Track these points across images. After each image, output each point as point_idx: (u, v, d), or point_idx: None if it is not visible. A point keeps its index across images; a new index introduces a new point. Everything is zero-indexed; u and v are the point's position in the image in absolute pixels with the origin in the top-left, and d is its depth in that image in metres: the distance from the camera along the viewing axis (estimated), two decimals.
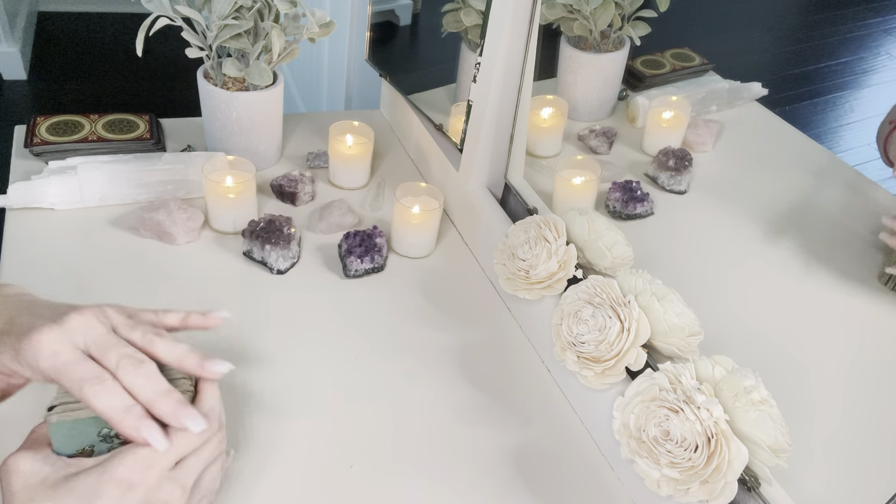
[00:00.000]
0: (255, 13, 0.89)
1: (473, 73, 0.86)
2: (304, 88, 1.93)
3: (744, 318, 0.73)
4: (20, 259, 0.82)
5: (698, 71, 0.97)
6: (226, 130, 0.97)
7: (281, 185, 0.96)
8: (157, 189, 0.92)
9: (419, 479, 0.67)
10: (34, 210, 0.88)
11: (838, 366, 0.67)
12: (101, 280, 0.81)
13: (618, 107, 0.99)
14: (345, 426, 0.70)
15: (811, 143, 0.80)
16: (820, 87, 0.81)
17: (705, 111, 0.93)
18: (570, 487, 0.68)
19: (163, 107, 2.45)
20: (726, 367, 0.61)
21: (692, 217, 0.86)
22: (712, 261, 0.80)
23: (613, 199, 0.85)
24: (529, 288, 0.77)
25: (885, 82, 0.78)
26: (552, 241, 0.75)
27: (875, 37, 0.77)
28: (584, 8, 0.89)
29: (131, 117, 1.00)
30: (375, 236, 0.87)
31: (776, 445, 0.56)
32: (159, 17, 0.87)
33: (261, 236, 0.85)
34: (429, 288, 0.87)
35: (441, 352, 0.79)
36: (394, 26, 1.19)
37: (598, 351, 0.67)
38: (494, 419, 0.73)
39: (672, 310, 0.66)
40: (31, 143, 0.93)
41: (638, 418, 0.61)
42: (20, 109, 2.41)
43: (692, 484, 0.57)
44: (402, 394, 0.74)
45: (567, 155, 0.95)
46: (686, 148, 0.89)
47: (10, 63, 2.50)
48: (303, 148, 1.08)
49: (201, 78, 0.96)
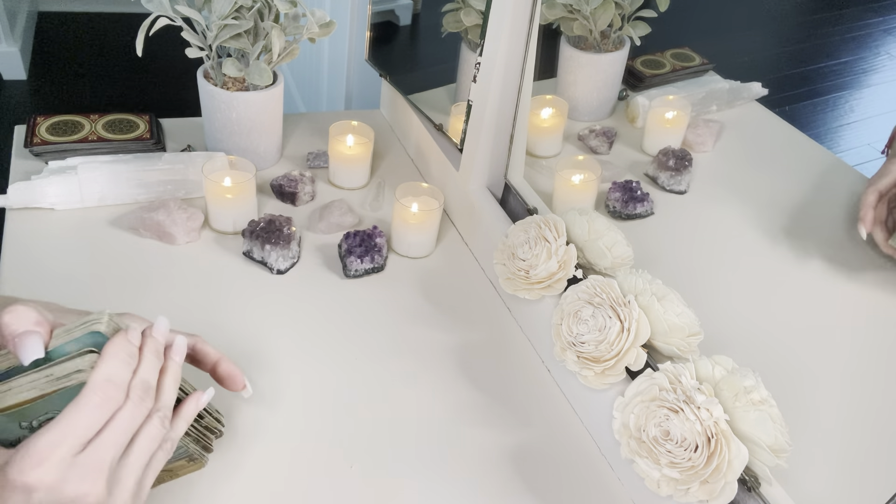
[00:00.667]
0: (255, 13, 0.89)
1: (473, 73, 0.86)
2: (304, 88, 1.93)
3: (744, 318, 0.73)
4: (20, 259, 0.82)
5: (698, 71, 0.97)
6: (226, 130, 0.97)
7: (281, 185, 0.96)
8: (157, 189, 0.92)
9: (419, 478, 0.67)
10: (34, 210, 0.88)
11: (838, 366, 0.67)
12: (101, 280, 0.81)
13: (618, 107, 0.99)
14: (345, 426, 0.70)
15: (811, 143, 0.80)
16: (820, 87, 0.81)
17: (705, 111, 0.93)
18: (570, 487, 0.68)
19: (163, 107, 2.45)
20: (726, 367, 0.61)
21: (692, 217, 0.86)
22: (712, 261, 0.80)
23: (613, 199, 0.85)
24: (529, 288, 0.77)
25: (885, 82, 0.78)
26: (552, 241, 0.75)
27: (875, 37, 0.77)
28: (584, 8, 0.89)
29: (131, 117, 1.00)
30: (375, 236, 0.87)
31: (776, 445, 0.56)
32: (159, 17, 0.87)
33: (261, 236, 0.85)
34: (429, 288, 0.87)
35: (441, 352, 0.79)
36: (394, 26, 1.19)
37: (598, 351, 0.67)
38: (494, 419, 0.73)
39: (672, 310, 0.66)
40: (31, 143, 0.93)
41: (638, 418, 0.61)
42: (20, 109, 2.41)
43: (692, 484, 0.57)
44: (402, 394, 0.74)
45: (567, 155, 0.95)
46: (686, 148, 0.89)
47: (10, 63, 2.50)
48: (303, 148, 1.08)
49: (201, 78, 0.96)
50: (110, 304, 0.78)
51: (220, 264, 0.86)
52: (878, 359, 0.65)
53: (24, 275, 0.80)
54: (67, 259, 0.83)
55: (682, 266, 0.79)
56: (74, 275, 0.81)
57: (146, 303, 0.79)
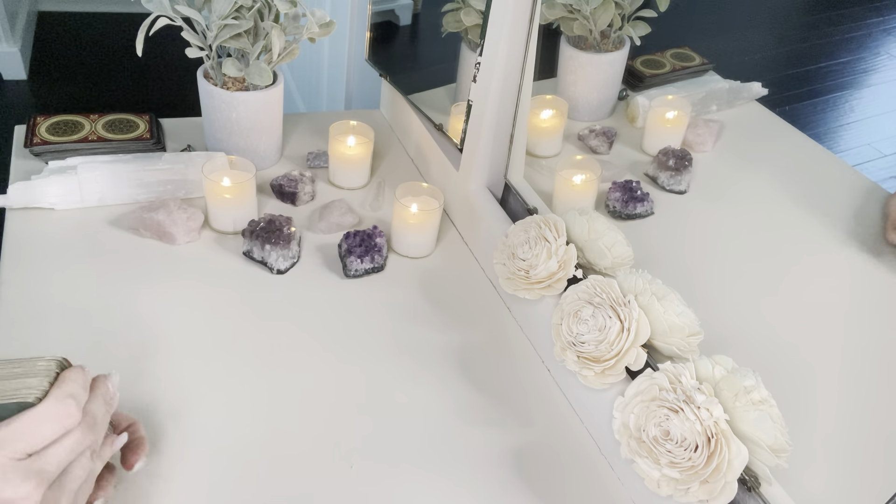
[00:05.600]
0: (255, 13, 0.89)
1: (473, 73, 0.86)
2: (304, 88, 1.93)
3: (744, 317, 0.73)
4: (20, 259, 0.82)
5: (698, 71, 0.97)
6: (226, 130, 0.97)
7: (281, 185, 0.96)
8: (157, 189, 0.92)
9: (419, 478, 0.67)
10: (34, 210, 0.88)
11: (838, 365, 0.67)
12: (101, 280, 0.81)
13: (618, 107, 0.99)
14: (345, 426, 0.70)
15: (811, 143, 0.80)
16: (820, 87, 0.81)
17: (705, 111, 0.93)
18: (570, 487, 0.68)
19: (163, 107, 2.45)
20: (726, 367, 0.61)
21: (692, 217, 0.86)
22: (712, 261, 0.80)
23: (613, 198, 0.85)
24: (529, 288, 0.77)
25: (885, 82, 0.78)
26: (552, 241, 0.75)
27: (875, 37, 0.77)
28: (584, 8, 0.89)
29: (131, 117, 1.00)
30: (375, 236, 0.87)
31: (776, 445, 0.56)
32: (159, 17, 0.87)
33: (261, 236, 0.85)
34: (429, 288, 0.87)
35: (441, 352, 0.79)
36: (394, 26, 1.19)
37: (598, 351, 0.67)
38: (494, 419, 0.73)
39: (672, 310, 0.66)
40: (31, 143, 0.93)
41: (638, 418, 0.61)
42: (20, 109, 2.41)
43: (692, 484, 0.57)
44: (402, 394, 0.74)
45: (567, 155, 0.95)
46: (686, 148, 0.89)
47: (10, 63, 2.50)
48: (303, 148, 1.08)
49: (201, 78, 0.96)
50: (110, 303, 0.78)
51: (220, 264, 0.86)
52: (878, 359, 0.65)
53: (24, 275, 0.80)
54: (67, 259, 0.83)
55: (682, 266, 0.79)
56: (74, 275, 0.81)
57: (146, 303, 0.79)
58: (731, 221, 0.82)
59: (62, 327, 0.75)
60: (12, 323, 0.74)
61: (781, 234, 0.78)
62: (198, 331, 0.77)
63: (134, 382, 0.70)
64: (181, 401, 0.69)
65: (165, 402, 0.69)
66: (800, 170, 0.84)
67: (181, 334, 0.76)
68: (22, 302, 0.77)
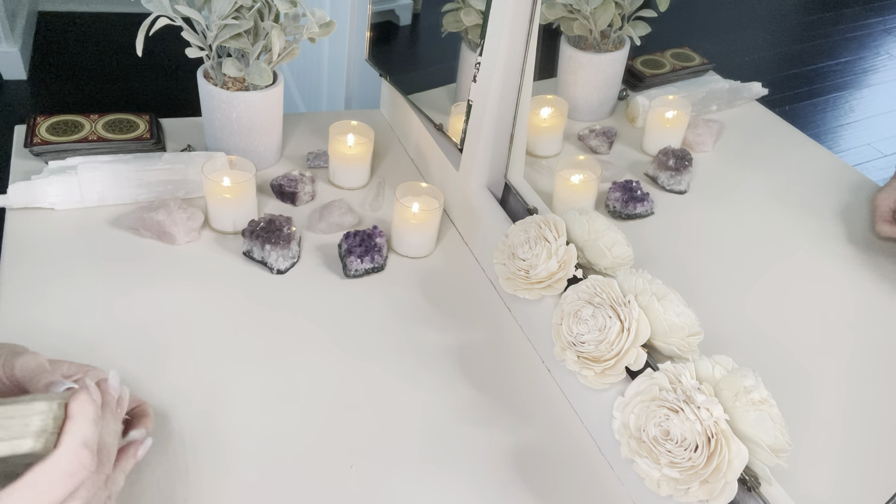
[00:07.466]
0: (255, 13, 0.89)
1: (473, 73, 0.86)
2: (304, 88, 1.93)
3: (744, 317, 0.73)
4: (20, 259, 0.82)
5: (698, 71, 0.97)
6: (226, 130, 0.97)
7: (281, 185, 0.96)
8: (157, 189, 0.92)
9: (419, 478, 0.67)
10: (34, 210, 0.88)
11: (838, 365, 0.67)
12: (101, 280, 0.81)
13: (618, 107, 0.99)
14: (345, 426, 0.70)
15: (811, 143, 0.80)
16: (820, 87, 0.81)
17: (705, 111, 0.93)
18: (570, 487, 0.68)
19: (163, 107, 2.45)
20: (726, 367, 0.61)
21: (692, 217, 0.86)
22: (712, 261, 0.80)
23: (613, 198, 0.85)
24: (529, 288, 0.77)
25: (885, 82, 0.78)
26: (552, 241, 0.75)
27: (875, 37, 0.77)
28: (584, 8, 0.89)
29: (131, 117, 1.00)
30: (375, 236, 0.87)
31: (776, 445, 0.56)
32: (159, 16, 0.87)
33: (261, 236, 0.85)
34: (429, 288, 0.87)
35: (441, 352, 0.79)
36: (394, 26, 1.19)
37: (598, 351, 0.67)
38: (494, 419, 0.73)
39: (672, 310, 0.66)
40: (31, 143, 0.93)
41: (638, 418, 0.61)
42: (20, 109, 2.41)
43: (692, 484, 0.57)
44: (402, 393, 0.74)
45: (567, 155, 0.95)
46: (686, 148, 0.89)
47: (10, 63, 2.50)
48: (303, 148, 1.08)
49: (201, 78, 0.96)
50: (110, 303, 0.78)
51: (220, 264, 0.86)
52: (878, 359, 0.65)
53: (24, 275, 0.80)
54: (67, 259, 0.83)
55: (682, 266, 0.79)
56: (74, 275, 0.81)
57: (146, 303, 0.79)
58: (731, 221, 0.82)
59: (62, 327, 0.75)
60: (12, 323, 0.74)
61: (781, 234, 0.78)
62: (197, 331, 0.77)
63: (133, 382, 0.70)
64: (181, 400, 0.69)
65: (165, 401, 0.69)
66: (800, 170, 0.84)
67: (181, 334, 0.76)
68: (22, 302, 0.77)
